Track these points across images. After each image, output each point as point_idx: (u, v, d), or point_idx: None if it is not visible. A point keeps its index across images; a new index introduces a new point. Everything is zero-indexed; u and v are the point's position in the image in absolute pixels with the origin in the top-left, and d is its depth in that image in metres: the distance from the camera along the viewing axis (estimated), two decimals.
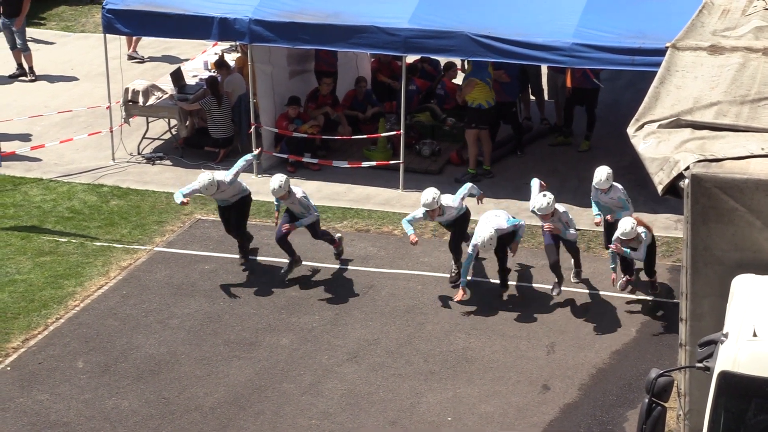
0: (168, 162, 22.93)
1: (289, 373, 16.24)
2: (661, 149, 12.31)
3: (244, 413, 15.49)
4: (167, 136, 23.95)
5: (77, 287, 18.44)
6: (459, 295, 17.76)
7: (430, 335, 17.16)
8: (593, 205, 18.39)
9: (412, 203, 20.83)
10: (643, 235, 17.13)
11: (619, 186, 17.93)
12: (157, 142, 23.73)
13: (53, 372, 16.41)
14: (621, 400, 15.66)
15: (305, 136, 22.26)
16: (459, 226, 18.37)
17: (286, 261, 18.59)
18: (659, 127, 12.78)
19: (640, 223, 17.31)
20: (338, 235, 19.31)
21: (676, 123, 12.75)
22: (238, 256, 19.16)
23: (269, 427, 15.22)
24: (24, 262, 19.23)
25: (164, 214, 20.75)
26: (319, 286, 18.49)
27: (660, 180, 12.05)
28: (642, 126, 12.93)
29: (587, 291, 18.15)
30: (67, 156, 23.07)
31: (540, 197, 17.56)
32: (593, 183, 17.86)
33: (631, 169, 19.53)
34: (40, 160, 22.92)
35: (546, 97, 24.35)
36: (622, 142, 14.65)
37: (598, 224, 18.60)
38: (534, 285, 18.40)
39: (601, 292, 18.13)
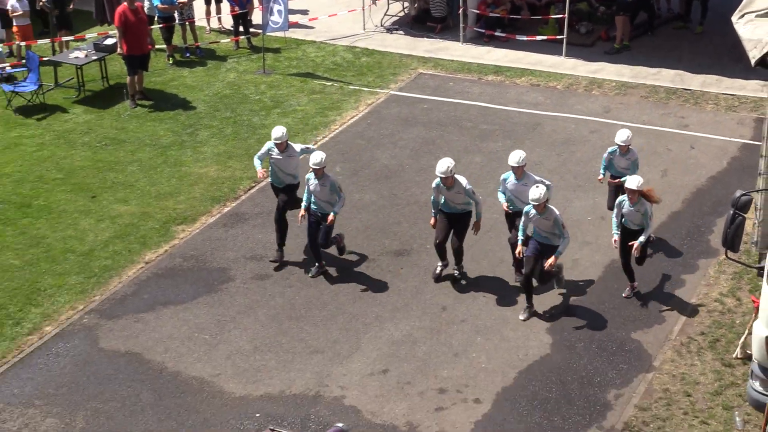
0: (401, 32, 22.91)
1: (480, 182, 16.34)
2: (756, 33, 12.03)
3: None
4: (401, 14, 23.93)
5: (337, 117, 18.79)
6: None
7: (580, 160, 17.05)
8: (602, 168, 14.31)
9: (571, 66, 20.54)
10: (647, 206, 12.76)
11: (635, 150, 14.08)
12: (394, 18, 23.73)
13: None
14: (712, 210, 15.45)
15: (498, 15, 21.99)
16: (462, 223, 13.70)
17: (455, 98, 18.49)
18: (756, 16, 12.42)
19: (650, 194, 12.81)
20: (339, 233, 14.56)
21: None
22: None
23: None
24: (302, 97, 19.66)
25: (398, 69, 20.87)
26: (500, 123, 18.45)
27: (753, 55, 11.84)
28: (743, 15, 12.58)
29: (691, 133, 17.77)
30: (333, 26, 23.25)
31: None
32: (615, 140, 13.83)
33: (732, 48, 18.83)
34: (314, 28, 23.20)
35: None
36: (727, 27, 14.18)
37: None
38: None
39: (707, 136, 17.70)
